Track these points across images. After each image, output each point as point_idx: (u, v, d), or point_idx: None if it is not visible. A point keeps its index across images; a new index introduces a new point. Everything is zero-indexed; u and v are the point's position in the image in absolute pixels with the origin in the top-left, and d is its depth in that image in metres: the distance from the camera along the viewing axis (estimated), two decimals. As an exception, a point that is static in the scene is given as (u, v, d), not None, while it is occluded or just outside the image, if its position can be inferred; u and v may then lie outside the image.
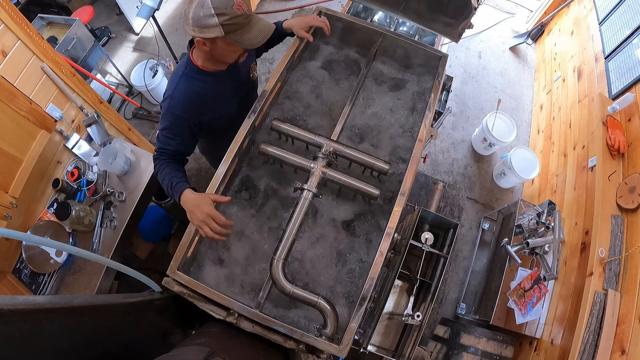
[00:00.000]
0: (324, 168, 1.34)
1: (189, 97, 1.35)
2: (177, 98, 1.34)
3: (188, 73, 1.36)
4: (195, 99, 1.36)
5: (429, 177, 2.95)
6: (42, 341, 0.76)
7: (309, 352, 1.15)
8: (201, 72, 1.37)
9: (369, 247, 1.41)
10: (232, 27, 1.16)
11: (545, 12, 3.80)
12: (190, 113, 1.36)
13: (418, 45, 1.70)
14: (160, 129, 1.39)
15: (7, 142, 1.57)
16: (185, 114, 1.36)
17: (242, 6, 1.17)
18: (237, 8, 1.15)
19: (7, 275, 1.88)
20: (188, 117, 1.37)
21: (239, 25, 1.18)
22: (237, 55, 1.32)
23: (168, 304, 1.23)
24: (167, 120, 1.37)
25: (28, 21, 1.76)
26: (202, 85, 1.37)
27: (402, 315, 1.91)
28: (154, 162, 1.42)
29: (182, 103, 1.34)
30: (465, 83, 3.79)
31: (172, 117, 1.36)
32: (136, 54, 3.80)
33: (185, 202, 1.26)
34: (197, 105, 1.37)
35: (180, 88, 1.35)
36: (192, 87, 1.35)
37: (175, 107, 1.34)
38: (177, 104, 1.34)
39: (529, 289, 2.18)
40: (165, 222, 2.69)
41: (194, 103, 1.36)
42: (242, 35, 1.20)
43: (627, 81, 2.37)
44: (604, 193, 2.05)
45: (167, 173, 1.36)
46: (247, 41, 1.22)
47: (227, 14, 1.13)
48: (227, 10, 1.13)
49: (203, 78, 1.37)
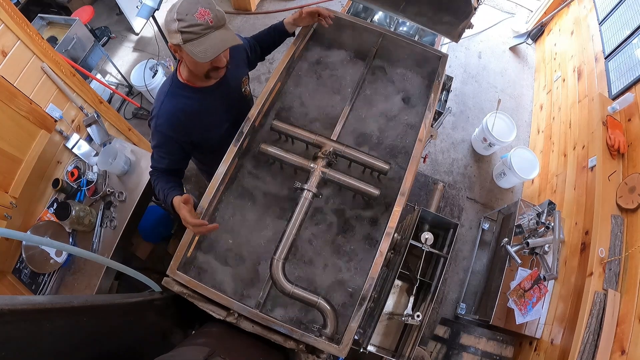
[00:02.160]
0: (324, 168, 1.34)
1: (175, 115, 1.32)
2: (162, 117, 1.32)
3: (174, 91, 1.33)
4: (181, 116, 1.33)
5: (429, 177, 2.95)
6: (42, 341, 0.76)
7: (309, 352, 1.15)
8: (187, 88, 1.33)
9: (369, 247, 1.41)
10: (189, 35, 1.10)
11: (545, 12, 3.80)
12: (177, 131, 1.34)
13: (418, 45, 1.70)
14: (152, 147, 1.39)
15: (7, 142, 1.57)
16: (173, 132, 1.33)
17: (205, 16, 1.10)
18: (198, 16, 1.09)
19: (7, 275, 1.88)
20: (175, 135, 1.34)
21: (195, 35, 1.11)
22: (204, 70, 1.24)
23: (168, 304, 1.23)
24: (156, 139, 1.36)
25: (28, 21, 1.76)
26: (188, 102, 1.33)
27: (402, 315, 1.91)
28: (150, 177, 1.43)
29: (167, 122, 1.32)
30: (465, 83, 3.79)
31: (160, 136, 1.34)
32: (136, 54, 3.80)
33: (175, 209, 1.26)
34: (184, 123, 1.34)
35: (165, 106, 1.32)
36: (177, 104, 1.32)
37: (161, 126, 1.32)
38: (163, 122, 1.32)
39: (529, 289, 2.18)
40: (165, 222, 2.69)
41: (180, 121, 1.33)
42: (196, 47, 1.12)
43: (627, 81, 2.37)
44: (604, 193, 2.05)
45: (160, 187, 1.37)
46: (199, 54, 1.13)
47: (185, 20, 1.08)
48: (187, 17, 1.08)
49: (189, 95, 1.33)
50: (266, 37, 1.66)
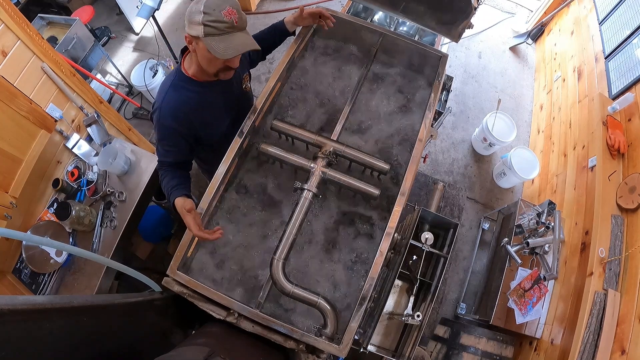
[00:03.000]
0: (324, 168, 1.34)
1: (178, 107, 1.33)
2: (165, 109, 1.32)
3: (177, 83, 1.34)
4: (184, 108, 1.33)
5: (429, 177, 2.95)
6: (42, 341, 0.76)
7: (309, 352, 1.15)
8: (191, 81, 1.34)
9: (369, 247, 1.41)
10: (211, 29, 1.13)
11: (545, 12, 3.80)
12: (180, 123, 1.34)
13: (418, 45, 1.70)
14: (157, 141, 1.39)
15: (7, 142, 1.57)
16: (175, 124, 1.34)
17: (231, 15, 1.14)
18: (225, 14, 1.13)
19: (7, 275, 1.88)
20: (179, 127, 1.35)
21: (218, 31, 1.14)
22: (216, 68, 1.26)
23: (168, 304, 1.23)
24: (159, 132, 1.36)
25: (28, 21, 1.76)
26: (191, 95, 1.34)
27: (402, 315, 1.91)
28: (159, 172, 1.43)
29: (170, 114, 1.32)
30: (465, 83, 3.79)
31: (163, 129, 1.35)
32: (136, 54, 3.80)
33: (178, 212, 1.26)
34: (187, 114, 1.34)
35: (168, 98, 1.32)
36: (180, 97, 1.33)
37: (164, 118, 1.33)
38: (165, 114, 1.32)
39: (529, 289, 2.18)
40: (165, 222, 2.69)
41: (182, 112, 1.33)
42: (217, 43, 1.15)
43: (627, 81, 2.37)
44: (604, 193, 2.05)
45: (166, 182, 1.37)
46: (219, 50, 1.16)
47: (212, 15, 1.12)
48: (214, 12, 1.12)
49: (192, 88, 1.34)
50: (267, 37, 1.66)
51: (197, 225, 1.18)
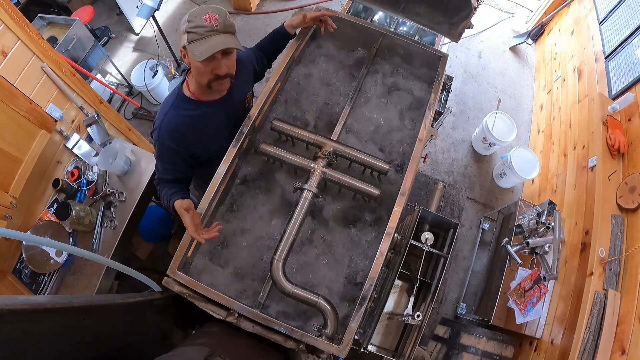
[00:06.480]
0: (324, 168, 1.34)
1: (177, 128, 1.33)
2: (164, 129, 1.33)
3: (177, 104, 1.34)
4: (183, 129, 1.34)
5: (429, 177, 2.95)
6: (42, 341, 0.76)
7: (309, 352, 1.15)
8: (191, 102, 1.34)
9: (369, 247, 1.41)
10: (193, 35, 1.14)
11: (545, 12, 3.80)
12: (178, 143, 1.35)
13: (418, 45, 1.70)
14: (156, 158, 1.41)
15: (7, 142, 1.57)
16: (174, 144, 1.34)
17: (212, 20, 1.14)
18: (205, 19, 1.14)
19: (7, 275, 1.88)
20: (177, 147, 1.35)
21: (198, 35, 1.14)
22: (207, 77, 1.24)
23: (168, 304, 1.23)
24: (158, 151, 1.38)
25: (28, 21, 1.76)
26: (191, 114, 1.34)
27: (402, 315, 1.91)
28: (156, 188, 1.44)
29: (169, 134, 1.33)
30: (465, 83, 3.79)
31: (162, 148, 1.36)
32: (136, 54, 3.80)
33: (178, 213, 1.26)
34: (186, 136, 1.35)
35: (168, 119, 1.33)
36: (179, 118, 1.33)
37: (163, 138, 1.34)
38: (165, 134, 1.33)
39: (529, 289, 2.18)
40: (165, 222, 2.69)
41: (181, 134, 1.34)
42: (197, 47, 1.14)
43: (627, 81, 2.37)
44: (604, 193, 2.05)
45: (164, 193, 1.38)
46: (197, 52, 1.14)
47: (194, 21, 1.13)
48: (196, 19, 1.14)
49: (193, 108, 1.34)
50: (270, 44, 1.66)
51: (194, 225, 1.18)
